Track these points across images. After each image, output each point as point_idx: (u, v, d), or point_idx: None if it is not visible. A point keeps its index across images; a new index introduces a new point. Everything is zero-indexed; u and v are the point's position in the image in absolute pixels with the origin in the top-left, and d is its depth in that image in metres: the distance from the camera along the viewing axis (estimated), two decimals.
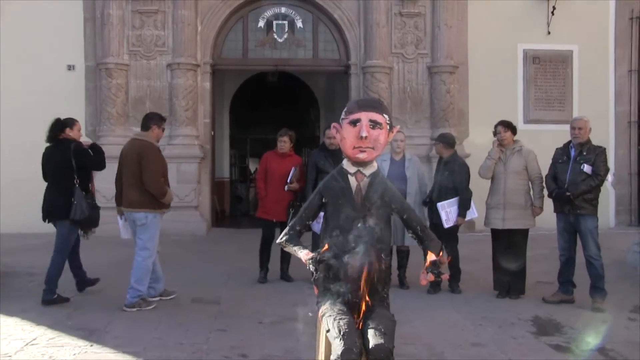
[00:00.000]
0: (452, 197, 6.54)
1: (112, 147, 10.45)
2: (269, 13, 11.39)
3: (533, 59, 11.63)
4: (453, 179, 6.59)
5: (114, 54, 10.57)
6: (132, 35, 10.74)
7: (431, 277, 2.87)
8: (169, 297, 6.23)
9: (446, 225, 6.50)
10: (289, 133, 7.27)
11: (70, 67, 10.92)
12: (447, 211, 6.51)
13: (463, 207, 6.55)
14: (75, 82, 10.84)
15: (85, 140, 6.75)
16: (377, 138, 2.87)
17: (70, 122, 6.42)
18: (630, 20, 11.64)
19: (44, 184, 6.07)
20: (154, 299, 6.09)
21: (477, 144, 9.94)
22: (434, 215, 6.58)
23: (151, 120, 6.23)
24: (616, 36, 11.69)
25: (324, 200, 3.01)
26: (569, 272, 6.26)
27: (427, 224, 6.21)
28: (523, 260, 6.42)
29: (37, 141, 10.48)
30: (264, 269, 7.15)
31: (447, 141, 6.82)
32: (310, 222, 3.09)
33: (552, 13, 11.40)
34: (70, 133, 6.38)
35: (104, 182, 10.42)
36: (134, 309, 5.77)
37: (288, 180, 7.04)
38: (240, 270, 7.58)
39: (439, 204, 6.51)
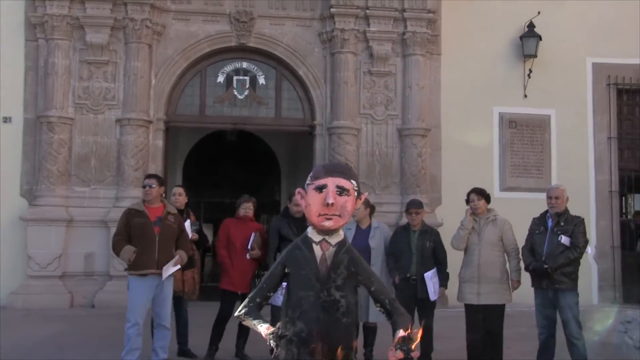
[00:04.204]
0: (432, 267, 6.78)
1: (51, 208, 10.40)
2: (229, 68, 11.64)
3: (510, 123, 12.04)
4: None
5: (58, 106, 10.61)
6: (79, 87, 10.82)
7: (400, 354, 2.95)
8: None
9: (434, 297, 6.70)
10: (252, 199, 7.48)
11: (7, 120, 10.84)
12: (434, 282, 6.71)
13: (445, 277, 6.82)
14: (11, 136, 10.75)
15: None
16: (344, 205, 3.00)
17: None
18: (607, 87, 12.22)
19: None
20: None
21: (450, 212, 10.14)
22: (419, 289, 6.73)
23: None
24: (594, 102, 12.20)
25: (286, 271, 3.09)
26: (549, 352, 6.38)
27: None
28: (500, 339, 6.53)
29: None
30: (214, 346, 7.09)
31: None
32: (272, 293, 3.17)
33: (529, 76, 11.94)
34: None
35: (37, 248, 10.27)
36: None
37: (249, 247, 7.12)
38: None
39: (427, 275, 6.70)
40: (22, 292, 10.21)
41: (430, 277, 6.72)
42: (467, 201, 6.73)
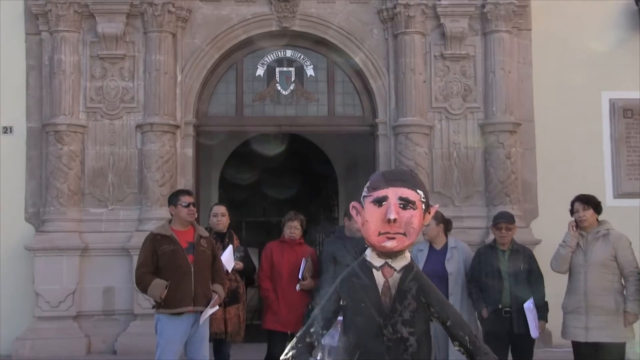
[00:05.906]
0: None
1: (62, 234, 10.61)
2: (270, 58, 11.74)
3: (624, 112, 11.82)
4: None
5: (67, 112, 10.84)
6: (91, 87, 11.04)
7: None
8: None
9: (536, 334, 6.63)
10: (299, 217, 7.49)
11: (7, 130, 11.11)
12: (534, 314, 6.64)
13: (544, 308, 6.73)
14: (13, 149, 11.00)
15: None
16: (409, 221, 3.00)
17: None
18: None
19: None
20: None
21: (549, 226, 9.98)
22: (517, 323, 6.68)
23: (168, 203, 7.05)
24: None
25: (341, 303, 3.11)
26: None
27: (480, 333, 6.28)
28: None
29: None
30: None
31: None
32: (325, 331, 3.19)
33: None
34: None
35: (46, 283, 10.48)
36: None
37: (300, 277, 7.16)
38: None
39: (526, 305, 6.63)
40: (30, 337, 10.42)
41: (531, 309, 6.63)
42: (572, 212, 6.62)
